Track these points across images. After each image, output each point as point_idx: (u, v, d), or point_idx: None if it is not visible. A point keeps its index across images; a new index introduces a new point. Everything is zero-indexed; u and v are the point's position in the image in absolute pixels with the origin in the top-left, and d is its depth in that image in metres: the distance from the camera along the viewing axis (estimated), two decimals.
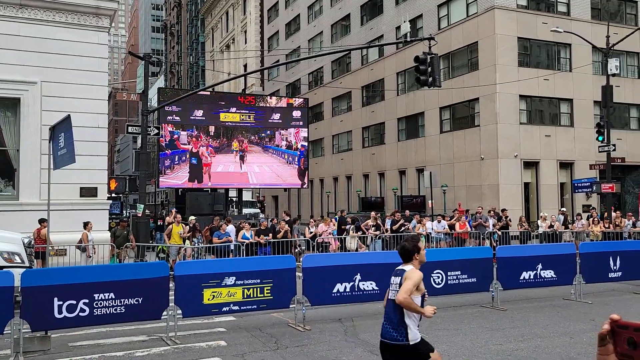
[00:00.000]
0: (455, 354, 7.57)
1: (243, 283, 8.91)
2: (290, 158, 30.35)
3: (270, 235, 17.65)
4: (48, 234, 12.08)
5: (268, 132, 29.85)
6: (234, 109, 29.17)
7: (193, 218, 18.36)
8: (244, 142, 29.08)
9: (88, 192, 17.31)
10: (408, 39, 19.76)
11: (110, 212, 22.06)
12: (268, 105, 30.65)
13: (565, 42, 29.99)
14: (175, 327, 8.53)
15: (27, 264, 10.82)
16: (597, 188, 25.24)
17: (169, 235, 16.98)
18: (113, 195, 32.93)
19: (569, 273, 11.46)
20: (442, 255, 11.17)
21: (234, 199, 33.45)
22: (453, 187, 30.75)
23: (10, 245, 10.85)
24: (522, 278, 11.19)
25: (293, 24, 53.07)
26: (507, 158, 28.78)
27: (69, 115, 10.16)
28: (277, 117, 30.17)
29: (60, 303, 7.72)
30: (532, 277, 11.28)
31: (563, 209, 25.74)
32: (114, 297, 8.04)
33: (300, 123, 30.87)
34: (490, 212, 21.85)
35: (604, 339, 1.33)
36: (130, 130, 20.75)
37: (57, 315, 7.71)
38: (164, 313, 8.46)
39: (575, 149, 30.52)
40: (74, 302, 7.79)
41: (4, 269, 8.75)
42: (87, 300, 7.86)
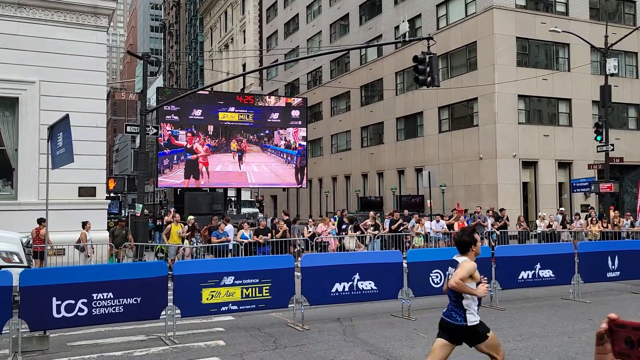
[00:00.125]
0: (454, 354, 7.56)
1: (242, 283, 8.91)
2: (289, 157, 30.37)
3: (269, 235, 17.66)
4: (47, 234, 12.07)
5: (267, 131, 29.86)
6: (233, 109, 29.18)
7: (192, 218, 18.36)
8: (243, 141, 29.09)
9: (86, 191, 17.30)
10: (407, 39, 19.82)
11: (109, 211, 22.05)
12: (267, 105, 30.66)
13: (564, 42, 30.02)
14: (174, 326, 8.53)
15: (25, 264, 10.81)
16: (595, 188, 25.27)
17: (168, 235, 16.98)
18: (111, 195, 32.91)
19: (568, 273, 11.47)
20: (440, 255, 11.15)
21: (233, 199, 33.45)
22: (452, 186, 30.77)
23: (9, 245, 10.84)
24: (520, 278, 11.20)
25: (292, 24, 53.07)
26: (505, 158, 28.81)
27: (68, 115, 10.15)
28: (275, 116, 30.18)
29: (59, 303, 7.71)
30: (530, 276, 11.29)
31: (561, 209, 25.78)
32: (113, 296, 8.04)
33: (299, 122, 30.88)
34: (489, 211, 21.87)
35: (602, 338, 1.33)
36: (129, 130, 20.75)
37: (55, 315, 7.70)
38: (163, 313, 8.45)
39: (574, 149, 30.56)
40: (73, 301, 7.79)
41: (3, 269, 8.74)
42: (85, 300, 7.86)
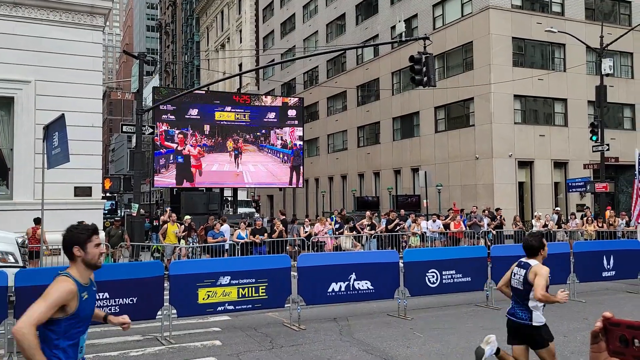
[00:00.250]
0: (450, 353, 7.59)
1: (238, 282, 8.90)
2: (286, 157, 30.38)
3: (266, 235, 17.66)
4: (42, 234, 12.03)
5: (263, 131, 29.84)
6: (229, 108, 29.15)
7: (188, 217, 18.33)
8: (239, 141, 29.06)
9: (82, 191, 17.24)
10: (403, 39, 19.81)
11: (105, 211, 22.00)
12: (263, 105, 30.64)
13: (560, 42, 30.10)
14: (170, 326, 8.51)
15: (21, 264, 10.78)
16: (591, 187, 25.36)
17: (164, 235, 16.95)
18: (107, 195, 32.81)
19: (563, 272, 11.49)
20: (437, 255, 11.19)
21: (229, 199, 33.41)
22: (448, 186, 30.82)
23: (4, 245, 10.80)
24: None
25: (288, 24, 53.05)
26: (501, 158, 28.87)
27: (63, 115, 10.12)
28: (272, 116, 30.17)
29: None
30: None
31: (557, 209, 25.84)
32: (109, 296, 8.02)
33: (296, 122, 30.88)
34: (485, 211, 21.91)
35: (597, 337, 1.34)
36: (125, 130, 20.70)
37: None
38: (159, 313, 8.44)
39: (570, 149, 30.64)
40: None
41: None
42: None
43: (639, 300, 11.35)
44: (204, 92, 31.26)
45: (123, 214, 30.11)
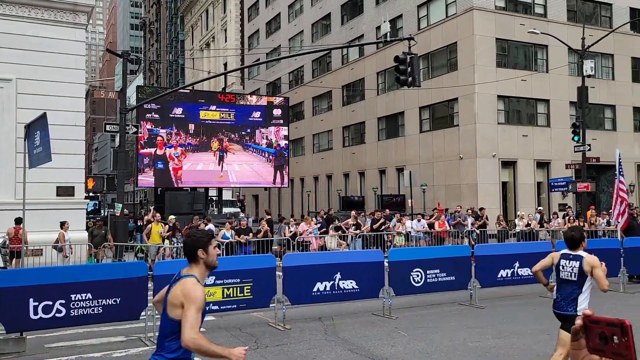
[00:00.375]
0: (434, 352, 7.64)
1: (223, 282, 8.87)
2: (271, 157, 30.33)
3: (251, 235, 17.60)
4: (24, 234, 11.88)
5: (248, 130, 29.75)
6: (214, 107, 29.03)
7: (173, 217, 18.21)
8: (224, 140, 28.94)
9: (65, 191, 17.07)
10: (388, 39, 19.85)
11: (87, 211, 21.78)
12: (248, 104, 30.56)
13: (542, 43, 30.43)
14: (154, 327, 8.45)
15: (1, 264, 10.63)
16: (572, 187, 25.68)
17: (148, 235, 16.81)
18: (90, 195, 32.49)
19: (546, 271, 11.58)
20: (421, 254, 11.25)
21: (214, 198, 33.26)
22: (432, 186, 31.01)
23: None
24: (499, 276, 11.34)
25: (273, 23, 52.95)
26: (485, 157, 29.11)
27: (45, 113, 9.99)
28: (257, 115, 30.09)
29: (36, 304, 7.60)
30: (509, 275, 11.44)
31: (540, 208, 26.13)
32: (92, 297, 7.94)
33: (281, 122, 30.83)
34: (469, 210, 22.08)
35: (577, 334, 1.36)
36: (108, 129, 20.51)
37: (32, 317, 7.59)
38: (143, 313, 8.39)
39: (552, 149, 31.00)
40: (50, 302, 7.68)
41: None
42: (63, 301, 7.75)
43: (619, 299, 11.51)
44: (189, 91, 31.09)
45: (106, 214, 29.83)
